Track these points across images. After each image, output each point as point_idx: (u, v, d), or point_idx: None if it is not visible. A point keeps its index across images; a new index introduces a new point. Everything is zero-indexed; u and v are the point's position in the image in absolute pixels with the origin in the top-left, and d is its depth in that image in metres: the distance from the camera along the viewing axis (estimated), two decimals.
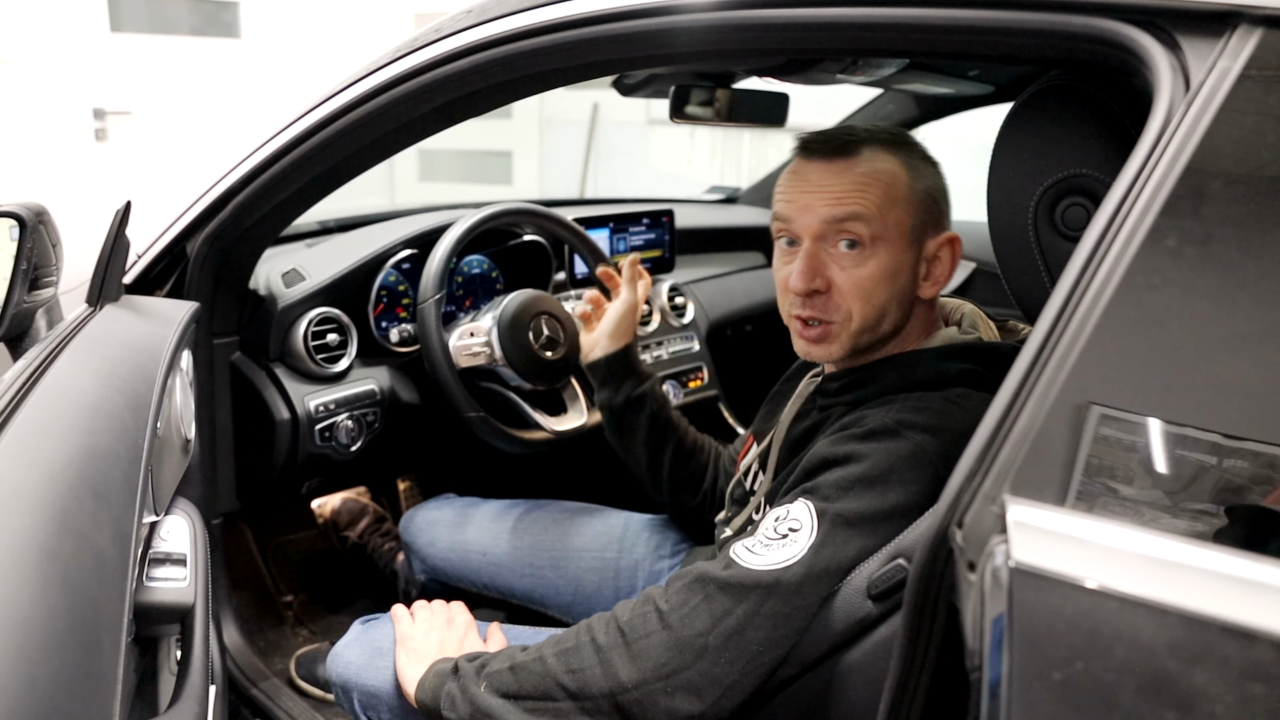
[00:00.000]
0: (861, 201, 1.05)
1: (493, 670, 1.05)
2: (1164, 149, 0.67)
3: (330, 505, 2.19)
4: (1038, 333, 0.67)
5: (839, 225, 1.06)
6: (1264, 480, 0.61)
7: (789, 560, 0.95)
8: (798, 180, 1.10)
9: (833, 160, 1.07)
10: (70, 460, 0.76)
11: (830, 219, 1.06)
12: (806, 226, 1.08)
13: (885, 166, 1.06)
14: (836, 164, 1.07)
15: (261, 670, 1.63)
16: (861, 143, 1.07)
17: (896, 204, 1.06)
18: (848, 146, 1.07)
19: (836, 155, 1.07)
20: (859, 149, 1.07)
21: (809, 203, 1.07)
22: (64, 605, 0.62)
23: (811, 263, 1.07)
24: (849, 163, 1.07)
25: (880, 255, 1.06)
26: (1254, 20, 0.69)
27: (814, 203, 1.07)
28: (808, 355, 1.13)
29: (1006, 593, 0.59)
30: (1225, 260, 0.66)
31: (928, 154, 1.12)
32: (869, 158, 1.06)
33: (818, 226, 1.07)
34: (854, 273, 1.06)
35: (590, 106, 6.65)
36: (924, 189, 1.08)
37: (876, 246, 1.06)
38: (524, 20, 1.07)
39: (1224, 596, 0.55)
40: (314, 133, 1.26)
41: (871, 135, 1.08)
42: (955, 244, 1.11)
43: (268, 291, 1.63)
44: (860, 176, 1.06)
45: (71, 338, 1.04)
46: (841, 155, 1.07)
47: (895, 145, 1.09)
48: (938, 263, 1.10)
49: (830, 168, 1.07)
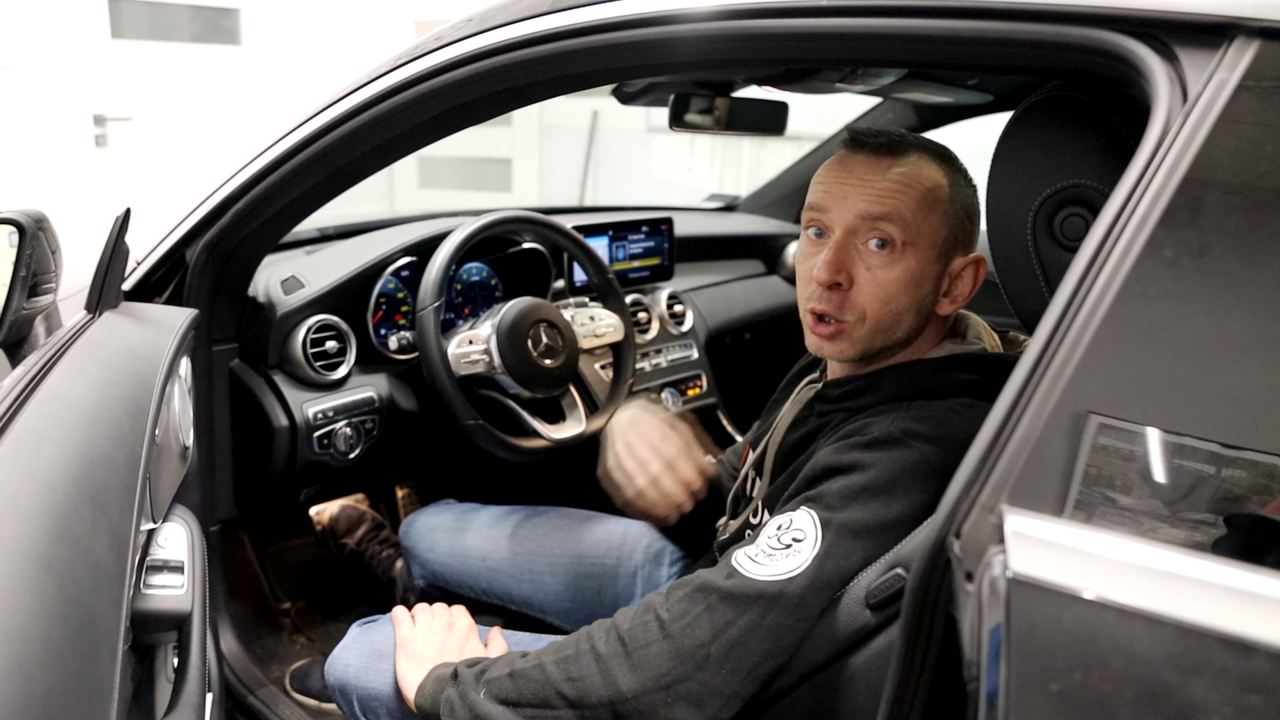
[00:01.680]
0: (900, 202, 1.04)
1: (492, 677, 1.04)
2: (1162, 160, 0.67)
3: (329, 512, 2.19)
4: (1036, 342, 0.67)
5: (873, 222, 1.04)
6: (1262, 490, 0.61)
7: (793, 571, 0.94)
8: (840, 170, 1.08)
9: (879, 157, 1.06)
10: (68, 468, 0.76)
11: (866, 214, 1.04)
12: (840, 218, 1.06)
13: (930, 174, 1.06)
14: (882, 161, 1.06)
15: (259, 678, 1.62)
16: (910, 146, 1.07)
17: (934, 213, 1.05)
18: (896, 146, 1.06)
19: (883, 153, 1.06)
20: (907, 151, 1.06)
21: (847, 194, 1.06)
22: (61, 613, 0.62)
23: (839, 255, 1.06)
24: (894, 161, 1.06)
25: (908, 260, 1.05)
26: (1251, 32, 0.69)
27: (852, 195, 1.05)
28: (819, 351, 1.12)
29: (1004, 603, 0.59)
30: (1223, 270, 0.66)
31: (969, 174, 1.11)
32: (915, 162, 1.06)
33: (852, 220, 1.05)
34: (879, 273, 1.05)
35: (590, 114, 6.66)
36: (962, 205, 1.08)
37: (906, 251, 1.05)
38: (524, 29, 1.07)
39: (1222, 608, 0.55)
40: (314, 140, 1.26)
41: (921, 142, 1.08)
42: (980, 265, 1.10)
43: (267, 299, 1.63)
44: (903, 177, 1.05)
45: (70, 344, 1.04)
46: (888, 154, 1.06)
47: (942, 157, 1.08)
48: (960, 281, 1.10)
49: (875, 163, 1.06)
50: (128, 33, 4.93)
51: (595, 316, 1.91)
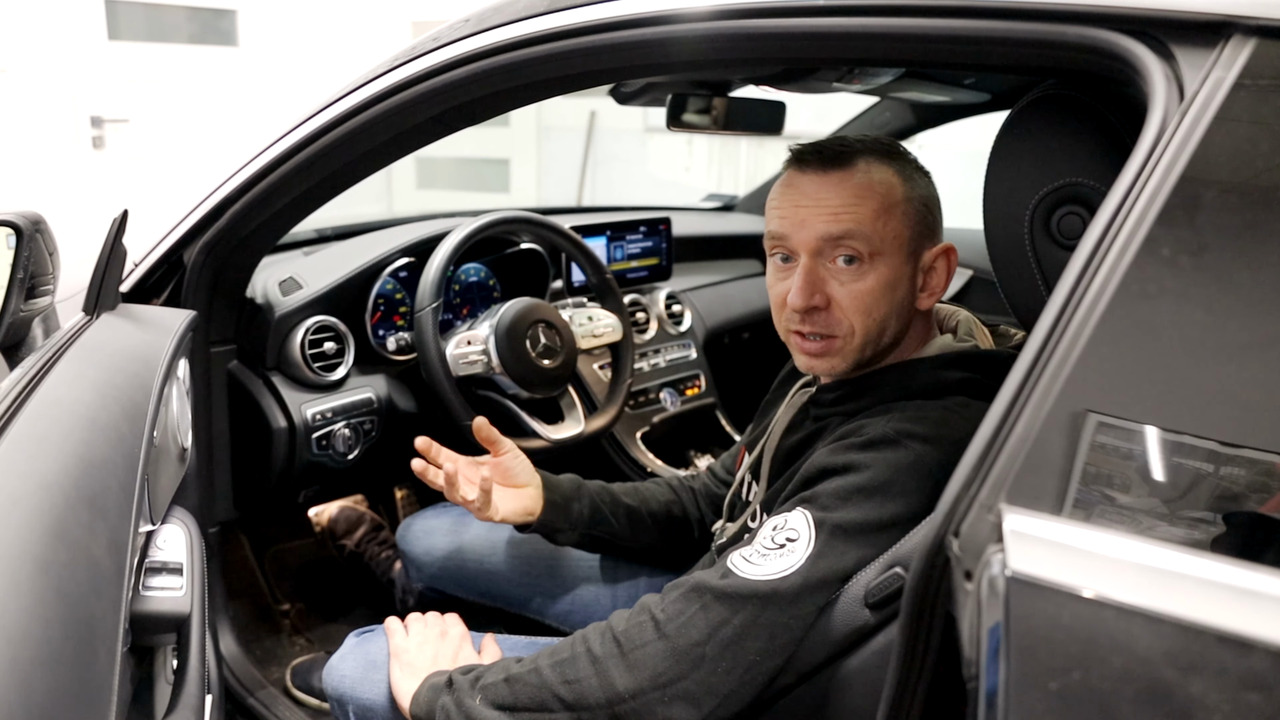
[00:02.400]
0: (858, 216, 1.03)
1: (488, 682, 1.04)
2: (1159, 158, 0.68)
3: (327, 514, 2.19)
4: (1034, 341, 0.67)
5: (836, 241, 1.04)
6: (1260, 488, 0.61)
7: (786, 570, 0.94)
8: (792, 193, 1.07)
9: (827, 172, 1.05)
10: (66, 470, 0.76)
11: (828, 235, 1.04)
12: (803, 243, 1.05)
13: (881, 178, 1.04)
14: (831, 176, 1.05)
15: (258, 679, 1.62)
16: (856, 153, 1.05)
17: (893, 216, 1.04)
18: (842, 157, 1.05)
19: (831, 166, 1.05)
20: (854, 160, 1.05)
21: (804, 218, 1.05)
22: (59, 616, 0.62)
23: (810, 279, 1.05)
24: (844, 174, 1.04)
25: (879, 269, 1.04)
26: (1247, 30, 0.69)
27: (810, 218, 1.04)
28: (810, 370, 1.12)
29: (1003, 602, 0.59)
30: (1220, 268, 0.66)
31: (919, 164, 1.10)
32: (864, 169, 1.04)
33: (814, 243, 1.05)
34: (853, 287, 1.05)
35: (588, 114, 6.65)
36: (919, 199, 1.07)
37: (875, 261, 1.04)
38: (521, 29, 1.07)
39: (1220, 605, 0.55)
40: (311, 141, 1.26)
41: (865, 145, 1.06)
42: (951, 254, 1.10)
43: (265, 300, 1.63)
44: (856, 189, 1.04)
45: (68, 346, 1.04)
46: (836, 166, 1.05)
47: (889, 155, 1.07)
48: (934, 274, 1.09)
49: (825, 180, 1.05)
50: (125, 34, 4.93)
51: (593, 317, 1.91)
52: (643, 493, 1.46)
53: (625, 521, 1.42)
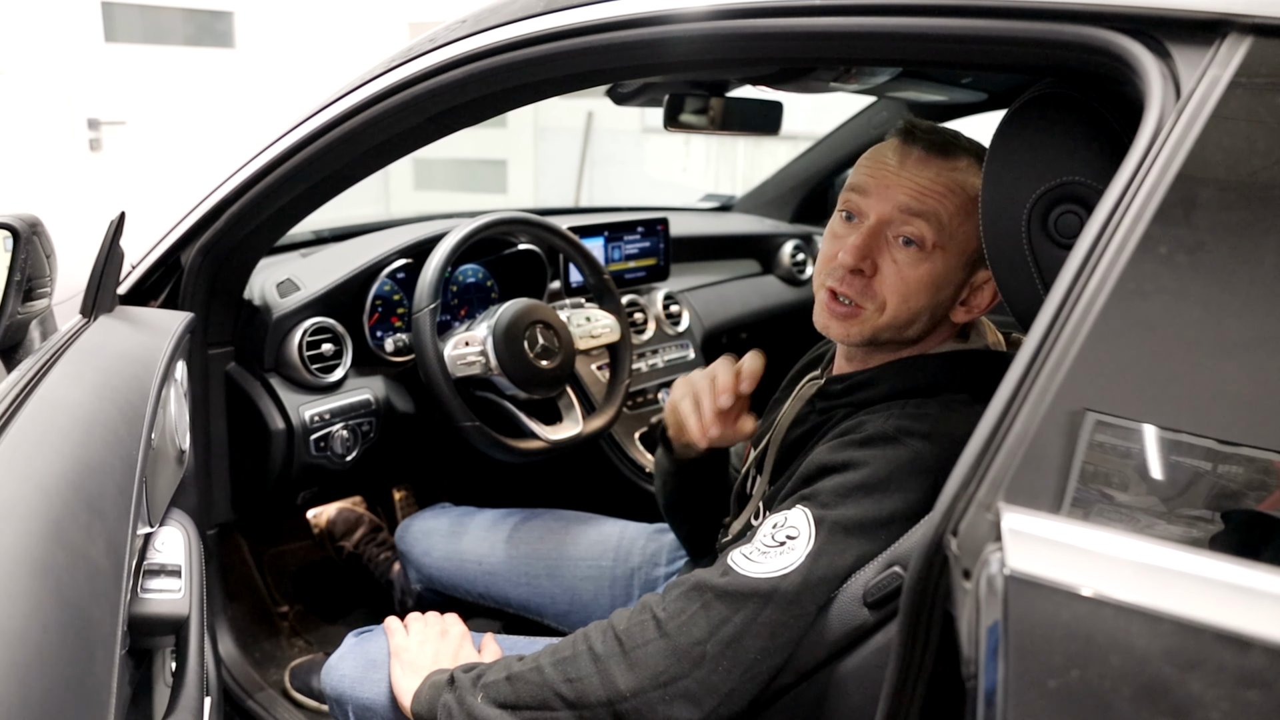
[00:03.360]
0: (941, 204, 1.04)
1: (489, 680, 1.04)
2: (1155, 156, 0.68)
3: (326, 515, 2.19)
4: (1031, 340, 0.67)
5: (909, 217, 1.04)
6: (1259, 485, 0.61)
7: (786, 568, 0.94)
8: (889, 159, 1.07)
9: (931, 155, 1.06)
10: (64, 473, 0.75)
11: (905, 207, 1.04)
12: (877, 206, 1.06)
13: (975, 182, 1.04)
14: (933, 160, 1.05)
15: (257, 681, 1.62)
16: (964, 150, 1.06)
17: (971, 221, 1.04)
18: (949, 148, 1.06)
19: (935, 152, 1.06)
20: (959, 155, 1.06)
21: (890, 184, 1.05)
22: (57, 619, 0.62)
23: (868, 241, 1.06)
24: (945, 163, 1.05)
25: (935, 262, 1.05)
26: (1243, 29, 0.69)
27: (895, 186, 1.05)
28: (825, 329, 1.12)
29: (1002, 601, 0.59)
30: (1217, 266, 0.66)
31: None
32: (965, 168, 1.05)
33: (889, 211, 1.05)
34: (904, 269, 1.05)
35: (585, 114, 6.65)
36: None
37: (935, 253, 1.05)
38: (518, 30, 1.07)
39: (1219, 603, 0.56)
40: (309, 143, 1.26)
41: (972, 147, 1.07)
42: None
43: (262, 301, 1.63)
44: (949, 180, 1.04)
45: (65, 349, 1.04)
46: (940, 154, 1.05)
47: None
48: (981, 293, 1.09)
49: (925, 161, 1.05)
50: (121, 36, 4.92)
51: (591, 317, 1.91)
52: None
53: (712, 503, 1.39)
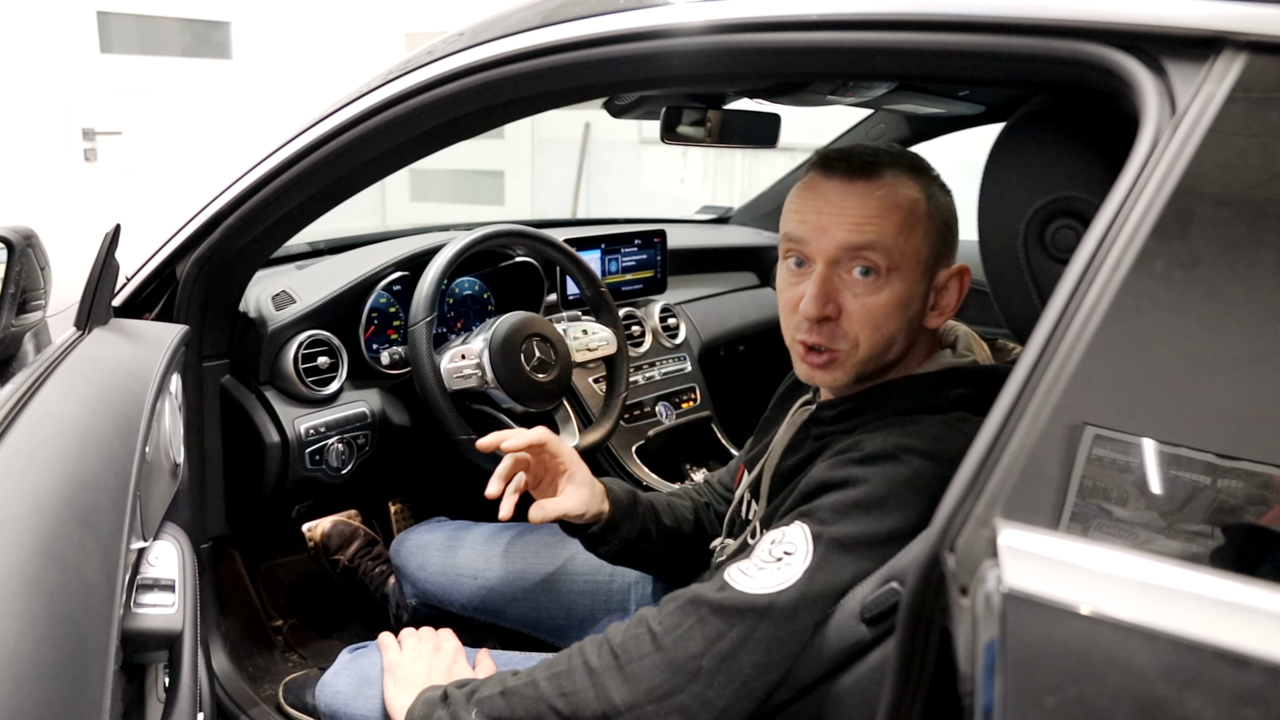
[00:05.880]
0: (882, 229, 1.02)
1: (483, 696, 1.04)
2: (1151, 172, 0.68)
3: (321, 529, 2.18)
4: (1028, 355, 0.67)
5: (856, 252, 1.02)
6: (1258, 501, 0.61)
7: (783, 584, 0.94)
8: (815, 198, 1.05)
9: (854, 181, 1.03)
10: (58, 487, 0.75)
11: (848, 245, 1.02)
12: (822, 250, 1.04)
13: (906, 193, 1.03)
14: (857, 185, 1.03)
15: (251, 696, 1.61)
16: (884, 165, 1.04)
17: (915, 233, 1.03)
18: (870, 168, 1.03)
19: (858, 175, 1.03)
20: (881, 171, 1.03)
21: (826, 225, 1.03)
22: (50, 635, 0.62)
23: (824, 288, 1.04)
24: (870, 185, 1.03)
25: (895, 284, 1.03)
26: (1238, 45, 0.69)
27: (831, 225, 1.03)
28: (810, 380, 1.12)
29: (999, 618, 0.58)
30: (1213, 281, 0.66)
31: (943, 181, 1.09)
32: (891, 182, 1.03)
33: (833, 251, 1.03)
34: (866, 301, 1.03)
35: (582, 126, 6.67)
36: (940, 218, 1.06)
37: (892, 276, 1.03)
38: (516, 43, 1.07)
39: (1217, 621, 0.55)
40: (305, 155, 1.26)
41: (894, 158, 1.05)
42: (965, 275, 1.09)
43: (258, 314, 1.63)
44: (881, 201, 1.02)
45: (60, 362, 1.04)
46: (863, 176, 1.03)
47: (916, 171, 1.06)
48: (946, 293, 1.09)
49: (851, 189, 1.03)
50: (117, 47, 4.92)
51: (588, 330, 1.91)
52: (676, 512, 1.44)
53: (661, 546, 1.40)
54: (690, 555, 1.43)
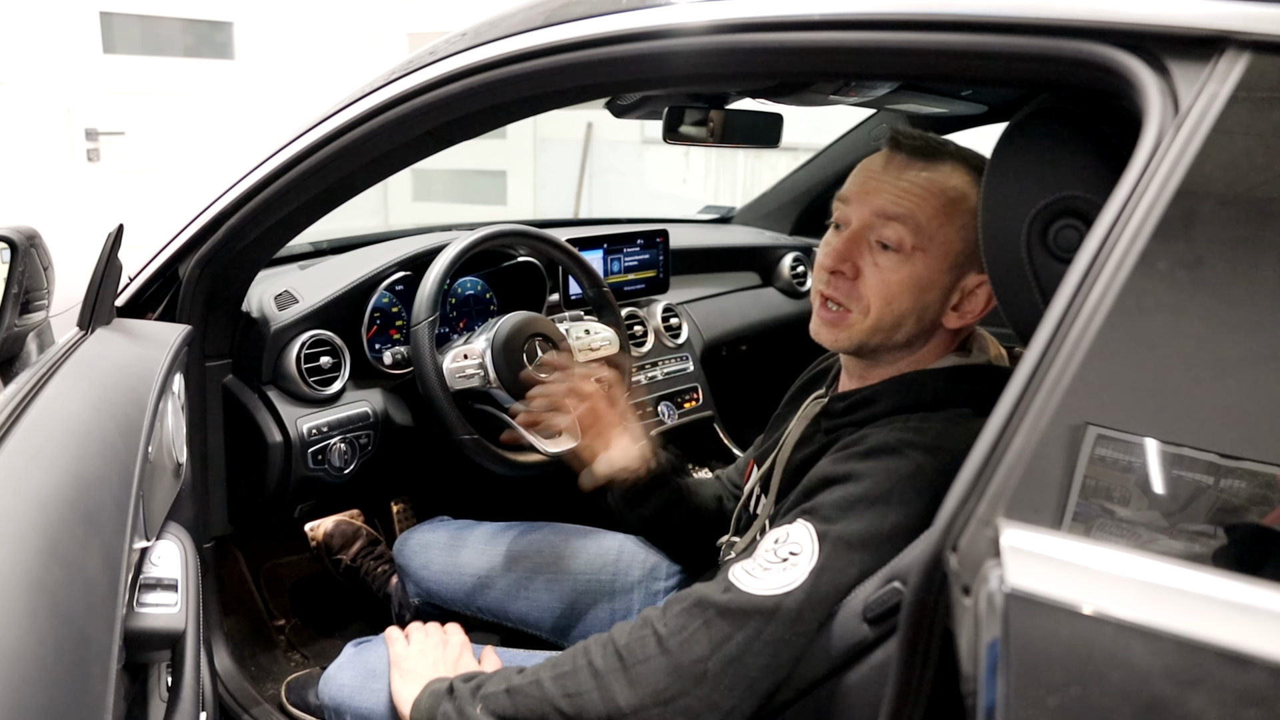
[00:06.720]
0: (918, 206, 1.05)
1: (488, 692, 1.04)
2: (1154, 171, 0.68)
3: (323, 528, 2.18)
4: (1031, 354, 0.67)
5: (886, 221, 1.06)
6: (1261, 500, 0.61)
7: (789, 585, 0.94)
8: (873, 167, 1.11)
9: (912, 160, 1.08)
10: (61, 487, 0.75)
11: (881, 211, 1.06)
12: (858, 212, 1.08)
13: (957, 184, 1.06)
14: (914, 165, 1.07)
15: (253, 696, 1.61)
16: (947, 155, 1.08)
17: (952, 223, 1.06)
18: (931, 153, 1.08)
19: (917, 155, 1.08)
20: (942, 158, 1.08)
21: (870, 190, 1.08)
22: (53, 635, 0.62)
23: (849, 245, 1.08)
24: (924, 166, 1.07)
25: (915, 265, 1.06)
26: (1241, 45, 0.69)
27: (874, 191, 1.08)
28: (817, 336, 1.14)
29: (1001, 617, 0.58)
30: (1216, 281, 0.66)
31: None
32: (946, 170, 1.07)
33: (867, 215, 1.08)
34: (885, 272, 1.07)
35: (584, 126, 6.67)
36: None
37: (915, 255, 1.06)
38: (518, 43, 1.07)
39: (1220, 621, 0.55)
40: (308, 155, 1.26)
41: (959, 152, 1.09)
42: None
43: (260, 314, 1.63)
44: (927, 182, 1.06)
45: (63, 362, 1.04)
46: (921, 158, 1.08)
47: (977, 170, 1.08)
48: (972, 298, 1.09)
49: (906, 165, 1.08)
50: (120, 47, 4.93)
51: (590, 330, 1.91)
52: (702, 495, 1.48)
53: (682, 524, 1.44)
54: (706, 539, 1.44)
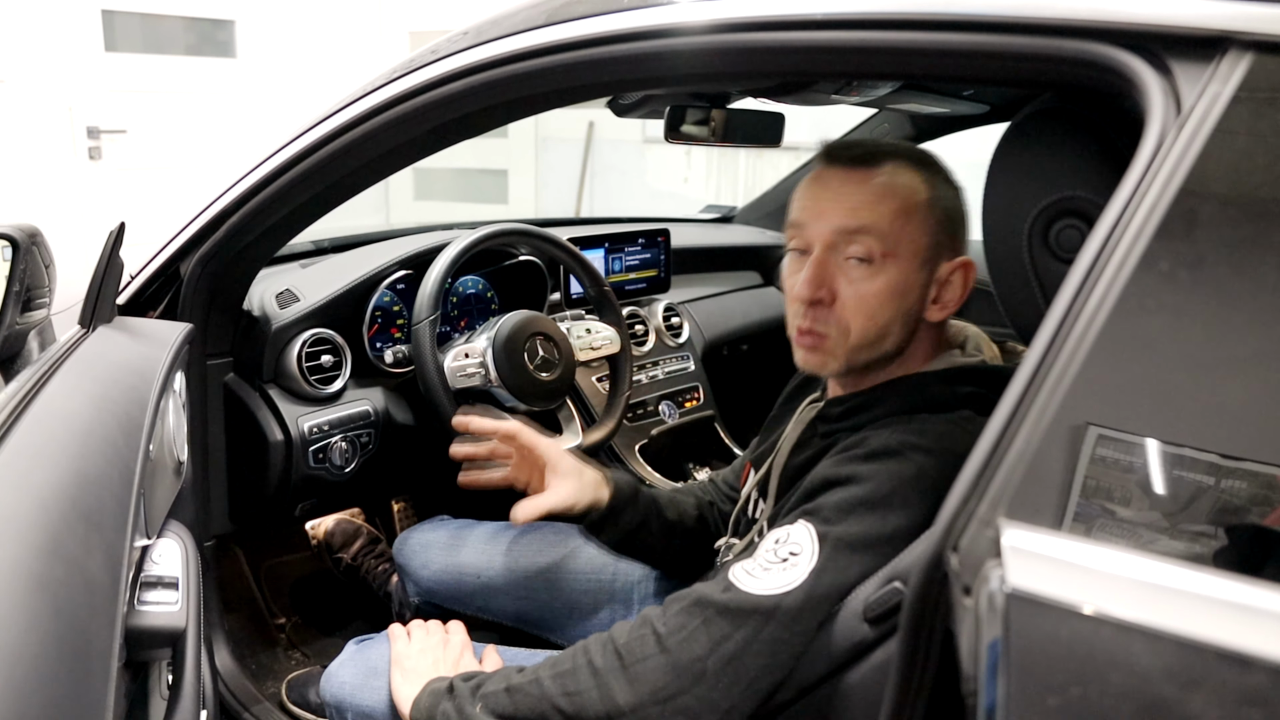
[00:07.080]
0: (877, 214, 1.04)
1: (488, 691, 1.04)
2: (1156, 171, 0.68)
3: (324, 527, 2.18)
4: (1033, 355, 0.67)
5: (850, 237, 1.04)
6: (1262, 501, 0.61)
7: (789, 585, 0.94)
8: (816, 187, 1.08)
9: (853, 169, 1.06)
10: (62, 485, 0.75)
11: (842, 229, 1.04)
12: (818, 234, 1.06)
13: (906, 182, 1.05)
14: (856, 173, 1.06)
15: (254, 694, 1.61)
16: (885, 155, 1.06)
17: (912, 222, 1.05)
18: (870, 157, 1.06)
19: (857, 165, 1.06)
20: (881, 161, 1.06)
21: (823, 210, 1.06)
22: (54, 633, 0.62)
23: (819, 271, 1.06)
24: (868, 173, 1.05)
25: (889, 272, 1.05)
26: (1244, 45, 0.69)
27: (828, 210, 1.06)
28: (803, 365, 1.12)
29: (1002, 618, 0.58)
30: (1218, 281, 0.66)
31: (951, 176, 1.10)
32: (890, 171, 1.05)
33: (829, 235, 1.05)
34: (860, 287, 1.05)
35: (586, 125, 6.67)
36: (942, 209, 1.07)
37: (886, 263, 1.04)
38: (520, 42, 1.07)
39: (1220, 622, 0.55)
40: (309, 154, 1.26)
41: (896, 150, 1.08)
42: (969, 269, 1.09)
43: (262, 312, 1.63)
44: (877, 188, 1.04)
45: (64, 360, 1.04)
46: (862, 165, 1.06)
47: (919, 162, 1.08)
48: (949, 287, 1.09)
49: (849, 177, 1.06)
50: (122, 45, 4.93)
51: (591, 329, 1.91)
52: (680, 506, 1.46)
53: (662, 538, 1.43)
54: (692, 551, 1.44)
